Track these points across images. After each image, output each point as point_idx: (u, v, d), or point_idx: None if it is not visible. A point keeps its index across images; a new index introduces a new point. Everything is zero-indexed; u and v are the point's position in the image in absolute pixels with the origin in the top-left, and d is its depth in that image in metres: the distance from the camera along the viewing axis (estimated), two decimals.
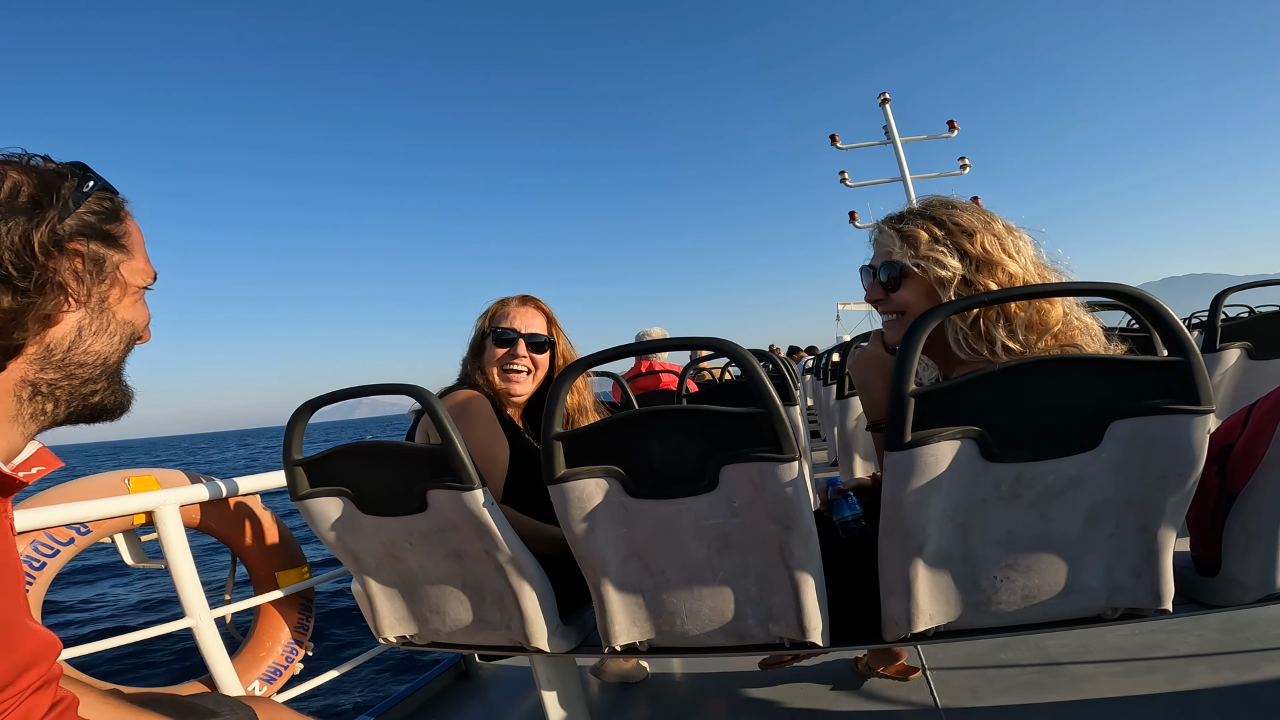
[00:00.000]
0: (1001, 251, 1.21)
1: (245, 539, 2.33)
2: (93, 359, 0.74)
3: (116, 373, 0.78)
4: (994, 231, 1.23)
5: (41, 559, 1.97)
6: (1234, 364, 2.38)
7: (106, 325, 0.75)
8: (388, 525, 1.42)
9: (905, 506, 1.09)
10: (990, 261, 1.20)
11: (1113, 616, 1.15)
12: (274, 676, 2.32)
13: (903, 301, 1.29)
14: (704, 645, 1.32)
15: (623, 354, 1.31)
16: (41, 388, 0.71)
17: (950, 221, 1.24)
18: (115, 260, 0.75)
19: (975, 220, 1.24)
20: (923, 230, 1.24)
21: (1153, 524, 1.08)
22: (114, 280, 0.75)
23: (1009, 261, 1.21)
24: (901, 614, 1.17)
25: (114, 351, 0.76)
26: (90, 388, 0.76)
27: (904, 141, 15.90)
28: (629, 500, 1.23)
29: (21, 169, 0.70)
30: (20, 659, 0.64)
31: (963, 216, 1.24)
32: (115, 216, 0.76)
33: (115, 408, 0.80)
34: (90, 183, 0.74)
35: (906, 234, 1.26)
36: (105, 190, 0.76)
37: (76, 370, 0.73)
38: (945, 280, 1.21)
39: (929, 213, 1.27)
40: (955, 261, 1.21)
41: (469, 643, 1.53)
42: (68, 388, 0.73)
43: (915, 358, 1.06)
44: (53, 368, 0.71)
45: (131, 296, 0.78)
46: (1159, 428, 1.02)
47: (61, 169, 0.73)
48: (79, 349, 0.73)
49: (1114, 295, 1.09)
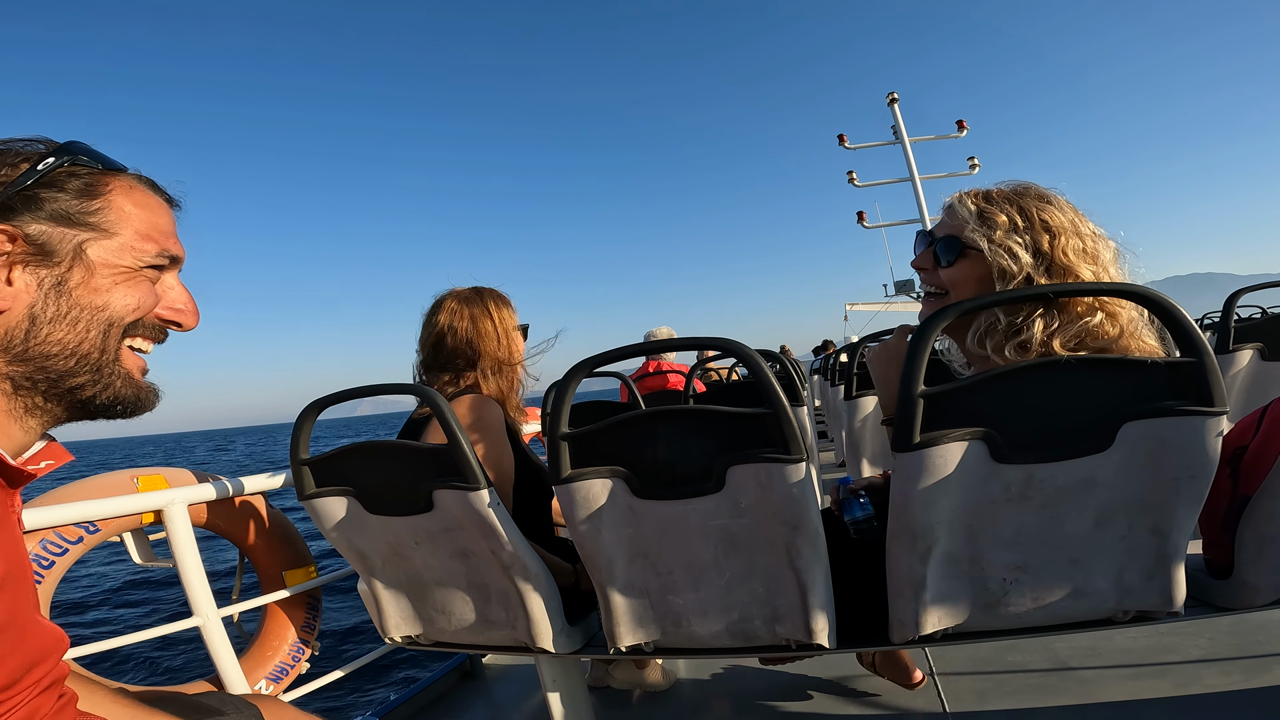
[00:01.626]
0: (1081, 258, 1.15)
1: (252, 538, 2.34)
2: (57, 349, 0.69)
3: (101, 364, 0.72)
4: (1080, 235, 1.16)
5: (50, 557, 1.99)
6: (1247, 365, 2.36)
7: (65, 311, 0.69)
8: (394, 525, 1.42)
9: (914, 507, 1.08)
10: (1065, 267, 1.14)
11: (1124, 619, 1.14)
12: (280, 675, 2.32)
13: (950, 279, 1.24)
14: (710, 646, 1.31)
15: (629, 354, 1.30)
16: (20, 382, 0.68)
17: (1038, 216, 1.17)
18: (75, 240, 0.69)
19: (1064, 220, 1.16)
20: (1003, 215, 1.17)
21: (1165, 526, 1.07)
22: (75, 262, 0.69)
23: (1084, 269, 1.14)
24: (909, 616, 1.16)
25: (84, 340, 0.70)
26: (72, 380, 0.70)
27: (913, 141, 15.86)
28: (635, 500, 1.23)
29: None
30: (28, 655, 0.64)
31: (1053, 214, 1.17)
32: (86, 194, 0.71)
33: (120, 403, 0.75)
34: (48, 160, 0.69)
35: (986, 214, 1.19)
36: (76, 167, 0.71)
37: (45, 362, 0.68)
38: (1010, 273, 1.15)
39: (1018, 200, 1.19)
40: (1028, 257, 1.15)
41: (474, 643, 1.53)
42: (45, 380, 0.69)
43: (924, 358, 1.05)
44: (18, 359, 0.67)
45: (109, 279, 0.72)
46: (1172, 429, 1.01)
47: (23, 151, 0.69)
48: (38, 338, 0.67)
49: (1126, 296, 1.08)
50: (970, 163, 16.55)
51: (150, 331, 0.77)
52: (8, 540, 0.64)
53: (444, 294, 1.80)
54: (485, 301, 1.78)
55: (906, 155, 16.09)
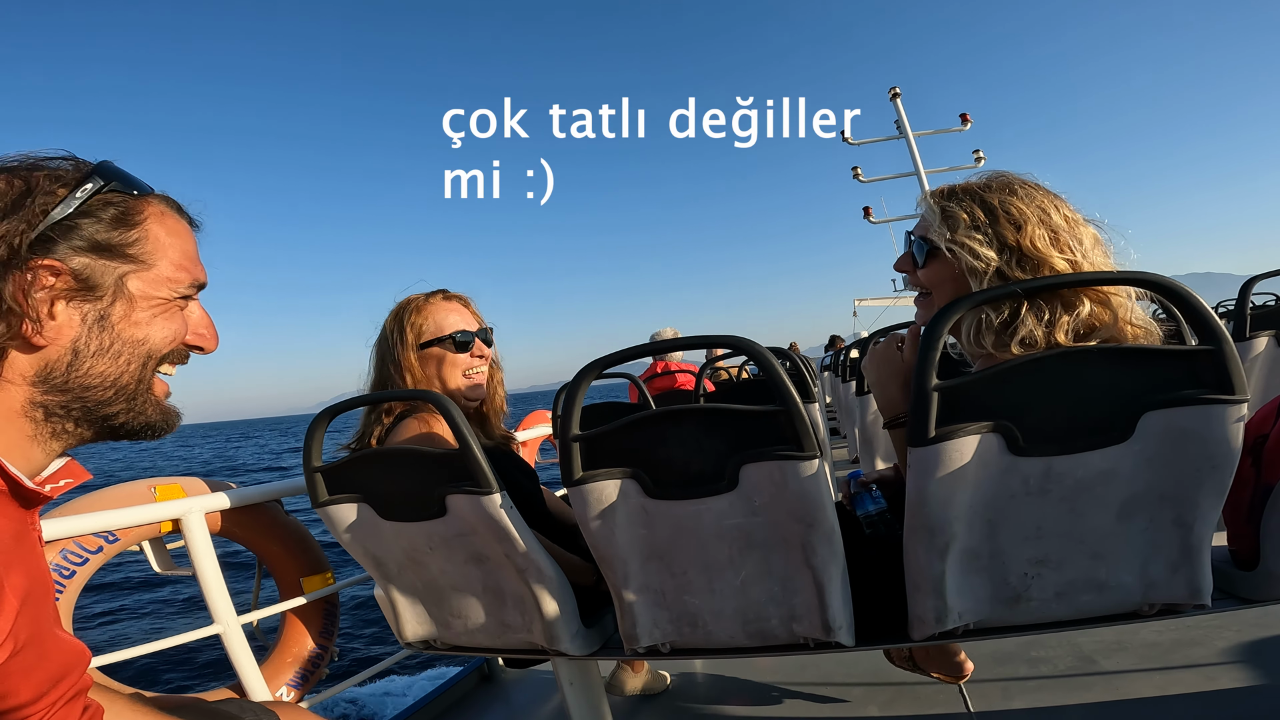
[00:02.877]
0: (1052, 247, 1.11)
1: (270, 545, 2.36)
2: (98, 381, 0.69)
3: (137, 394, 0.72)
4: (1050, 224, 1.12)
5: (71, 567, 2.01)
6: (1264, 352, 2.33)
7: (108, 345, 0.68)
8: (408, 530, 1.42)
9: (931, 503, 1.07)
10: (1036, 258, 1.11)
11: (1149, 613, 1.12)
12: (300, 682, 2.34)
13: (928, 280, 1.24)
14: (726, 646, 1.30)
15: (638, 354, 1.30)
16: (54, 410, 0.68)
17: (1001, 208, 1.14)
18: (118, 273, 0.69)
19: (1030, 210, 1.13)
20: (965, 213, 1.15)
21: (1188, 518, 1.05)
22: (117, 295, 0.69)
23: (1057, 259, 1.10)
24: (929, 612, 1.15)
25: (124, 373, 0.70)
26: (107, 410, 0.70)
27: (917, 136, 15.77)
28: (648, 501, 1.22)
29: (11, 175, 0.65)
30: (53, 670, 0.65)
31: (1017, 204, 1.13)
32: (123, 223, 0.69)
33: (146, 428, 0.75)
34: (86, 186, 0.67)
35: (948, 213, 1.17)
36: (113, 194, 0.69)
37: (84, 393, 0.68)
38: (977, 271, 1.13)
39: (981, 194, 1.17)
40: (991, 253, 1.12)
41: (491, 646, 1.53)
42: (81, 409, 0.69)
43: (937, 352, 1.04)
44: (56, 390, 0.67)
45: (148, 311, 0.71)
46: (1192, 419, 0.99)
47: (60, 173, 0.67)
48: (79, 371, 0.67)
49: (1141, 284, 1.06)
50: (975, 155, 16.42)
51: (176, 356, 0.77)
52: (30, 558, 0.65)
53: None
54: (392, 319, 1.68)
55: (911, 150, 16.00)
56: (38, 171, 0.67)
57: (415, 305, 1.69)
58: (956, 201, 1.18)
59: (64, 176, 0.67)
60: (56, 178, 0.67)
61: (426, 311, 1.68)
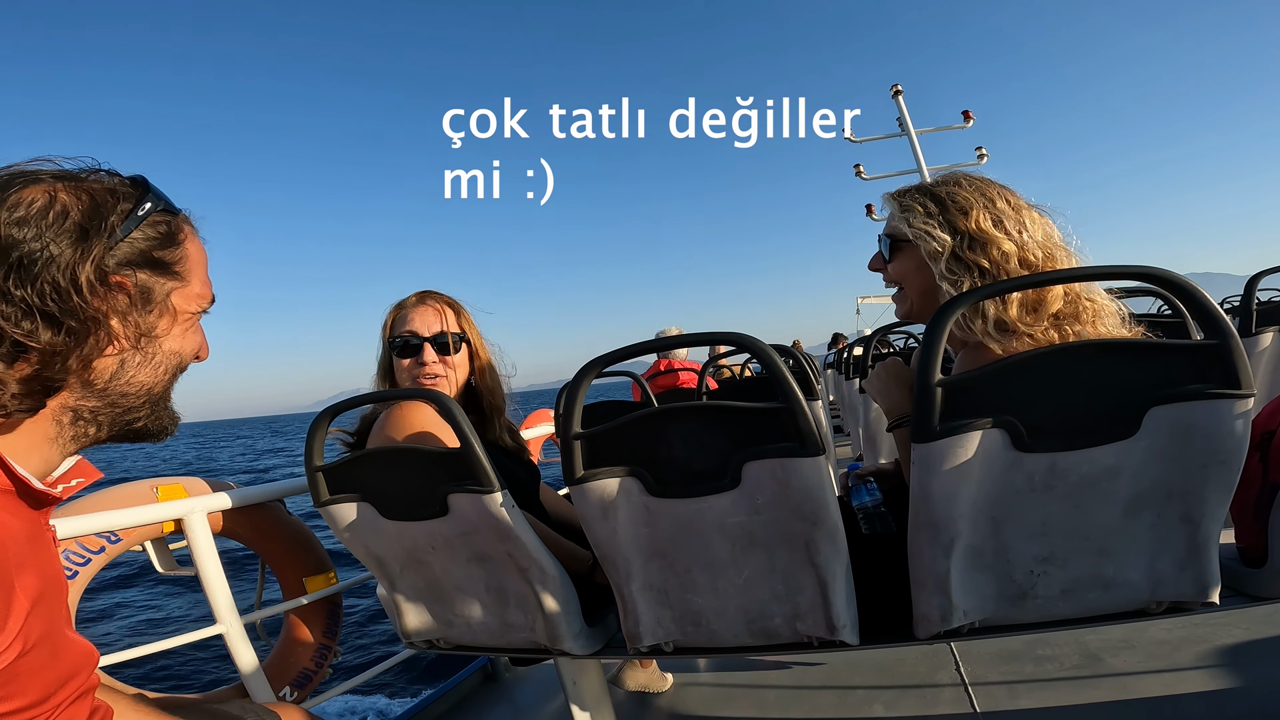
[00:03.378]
0: (996, 228, 1.21)
1: (272, 545, 2.35)
2: (136, 389, 0.72)
3: (161, 400, 0.76)
4: (993, 211, 1.22)
5: (74, 567, 2.01)
6: (1270, 347, 2.31)
7: (152, 356, 0.72)
8: (410, 530, 1.42)
9: (935, 500, 1.06)
10: (983, 239, 1.20)
11: (1157, 610, 1.11)
12: (304, 682, 2.34)
13: (896, 273, 1.34)
14: (729, 645, 1.30)
15: (640, 351, 1.29)
16: (84, 414, 0.70)
17: (949, 198, 1.25)
18: (167, 289, 0.72)
19: (974, 197, 1.24)
20: (919, 205, 1.27)
21: (1196, 514, 1.04)
22: (163, 310, 0.72)
23: (1003, 240, 1.20)
24: (934, 610, 1.14)
25: (159, 382, 0.74)
26: (133, 415, 0.74)
27: (919, 133, 15.74)
28: (650, 500, 1.22)
29: (72, 188, 0.66)
30: (63, 669, 0.65)
31: (962, 193, 1.25)
32: (171, 241, 0.72)
33: (158, 431, 0.78)
34: (146, 205, 0.70)
35: (905, 207, 1.30)
36: (163, 212, 0.72)
37: (119, 400, 0.71)
38: (935, 254, 1.23)
39: (931, 189, 1.29)
40: (945, 236, 1.22)
41: (494, 645, 1.52)
42: (110, 415, 0.72)
43: (940, 347, 1.03)
44: (95, 396, 0.70)
45: (183, 325, 0.75)
46: (1199, 414, 0.98)
47: (116, 188, 0.69)
48: (122, 379, 0.71)
49: (1144, 279, 1.05)
50: (978, 153, 16.37)
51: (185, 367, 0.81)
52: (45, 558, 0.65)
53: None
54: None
55: (913, 147, 15.96)
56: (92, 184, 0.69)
57: (394, 306, 1.73)
58: (911, 197, 1.31)
59: (121, 192, 0.70)
60: (115, 193, 0.69)
61: (396, 314, 1.72)
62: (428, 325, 1.68)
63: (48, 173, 0.67)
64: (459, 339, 1.70)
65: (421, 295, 1.73)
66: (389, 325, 1.71)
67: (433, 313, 1.69)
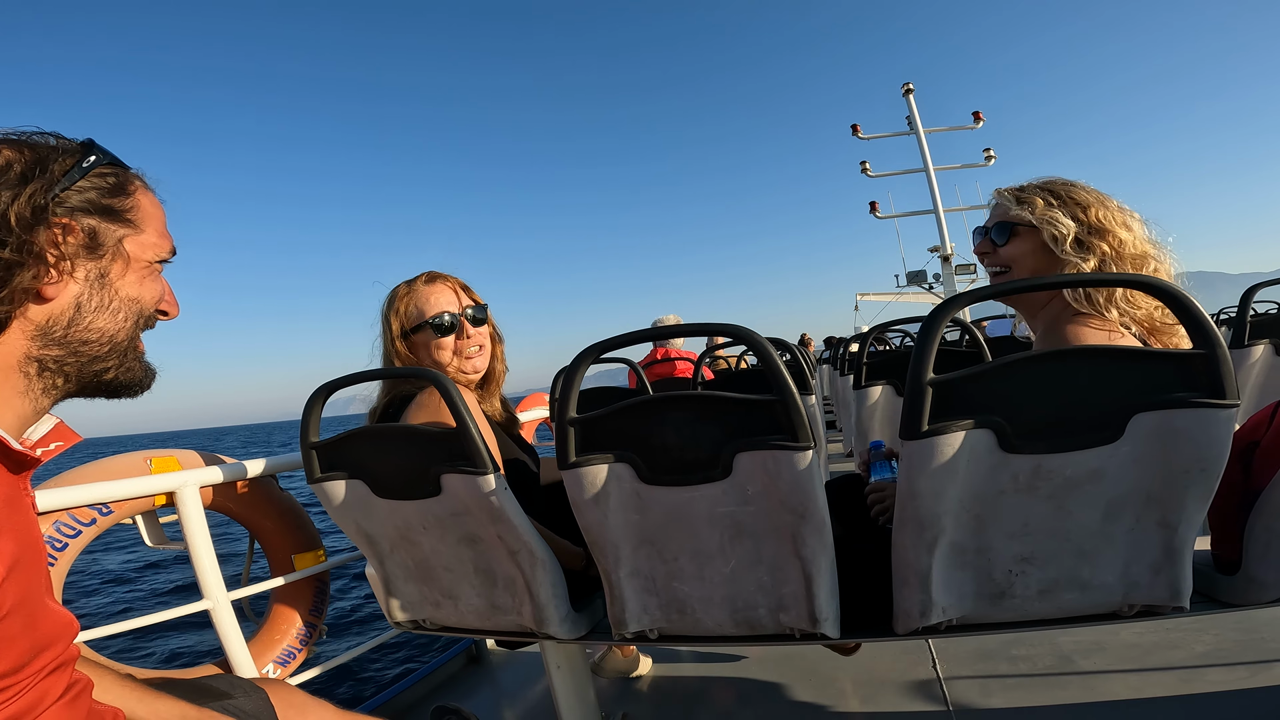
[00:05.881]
0: (1114, 222, 1.34)
1: (263, 521, 2.36)
2: (96, 335, 0.73)
3: (128, 350, 0.77)
4: (1107, 206, 1.37)
5: (64, 539, 2.01)
6: (1262, 360, 2.34)
7: (108, 302, 0.74)
8: (402, 509, 1.43)
9: (921, 497, 1.08)
10: (1104, 229, 1.33)
11: (1129, 614, 1.13)
12: (288, 659, 2.35)
13: (1009, 256, 1.44)
14: (714, 634, 1.32)
15: (637, 339, 1.30)
16: (48, 364, 0.71)
17: (1066, 194, 1.38)
18: (117, 235, 0.74)
19: (1090, 196, 1.38)
20: (1039, 198, 1.39)
21: (1173, 520, 1.06)
22: (115, 255, 0.74)
23: (1120, 230, 1.34)
24: (914, 606, 1.16)
25: (120, 329, 0.75)
26: (100, 365, 0.75)
27: (928, 133, 15.73)
28: (642, 487, 1.23)
29: (17, 146, 0.69)
30: (39, 638, 0.65)
31: (1079, 192, 1.39)
32: (120, 191, 0.75)
33: (133, 384, 0.80)
34: (91, 158, 0.73)
35: (1024, 199, 1.42)
36: (110, 165, 0.75)
37: (81, 348, 0.73)
38: (1060, 237, 1.34)
39: (1046, 186, 1.42)
40: (1070, 222, 1.35)
41: (480, 627, 1.54)
42: (75, 364, 0.73)
43: (934, 346, 1.05)
44: (55, 344, 0.71)
45: (138, 272, 0.77)
46: (1183, 421, 1.00)
47: (62, 145, 0.72)
48: (80, 325, 0.72)
49: (1138, 287, 1.07)
50: (986, 154, 16.38)
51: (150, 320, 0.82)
52: (22, 523, 0.65)
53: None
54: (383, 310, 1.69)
55: (921, 146, 15.96)
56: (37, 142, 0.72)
57: (399, 293, 1.69)
58: (1030, 191, 1.43)
59: (68, 148, 0.73)
60: (60, 150, 0.72)
61: (409, 298, 1.67)
62: (452, 302, 1.67)
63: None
64: (485, 309, 1.72)
65: (430, 276, 1.71)
66: (407, 308, 1.66)
67: (451, 290, 1.69)
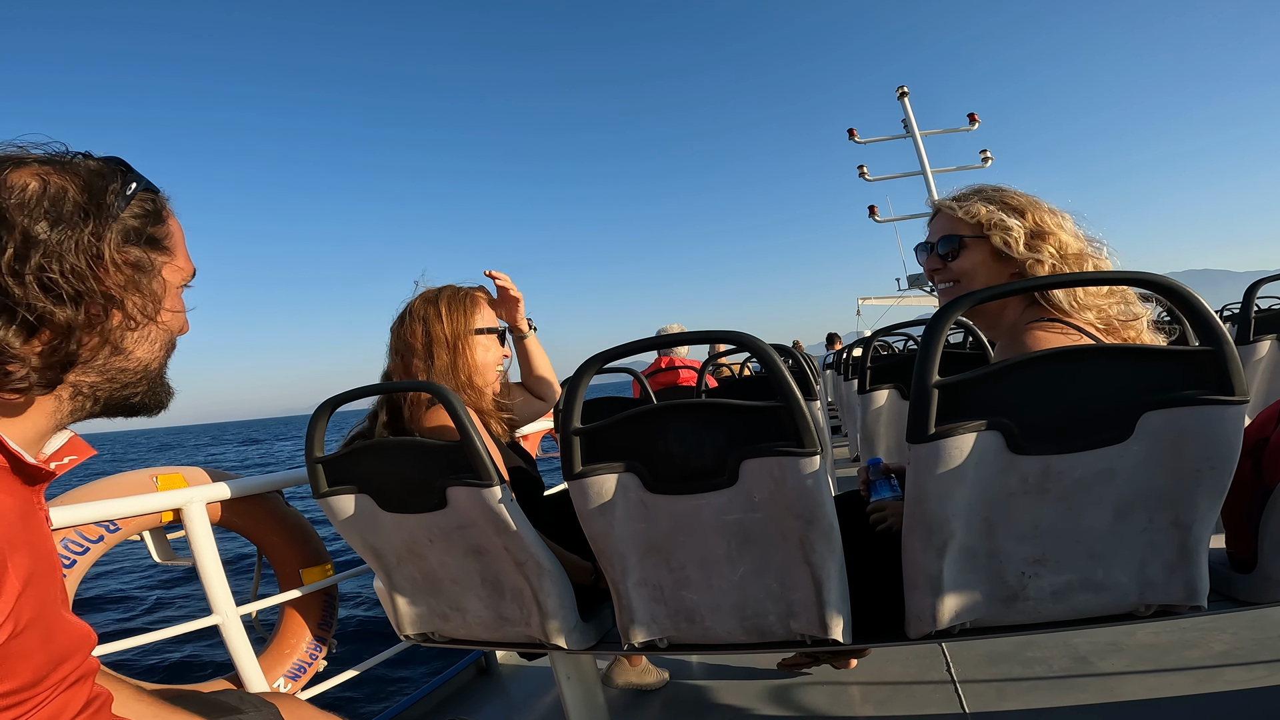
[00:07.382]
0: (1051, 224, 1.34)
1: (270, 536, 2.36)
2: (134, 364, 0.73)
3: (158, 377, 0.77)
4: (1040, 209, 1.37)
5: (72, 556, 2.01)
6: (1268, 356, 2.33)
7: (149, 332, 0.73)
8: (408, 522, 1.43)
9: (930, 500, 1.07)
10: (1044, 231, 1.33)
11: (1145, 614, 1.12)
12: (298, 674, 2.34)
13: (960, 270, 1.41)
14: (723, 643, 1.31)
15: (640, 349, 1.30)
16: (83, 389, 0.71)
17: (1000, 200, 1.38)
18: (159, 264, 0.74)
19: (1023, 200, 1.38)
20: (980, 206, 1.38)
21: (1186, 519, 1.05)
22: (160, 286, 0.74)
23: (1059, 231, 1.33)
24: (926, 610, 1.15)
25: (155, 358, 0.75)
26: (130, 390, 0.75)
27: (924, 135, 15.74)
28: (648, 496, 1.23)
29: (62, 171, 0.68)
30: (57, 651, 0.65)
31: (1012, 197, 1.38)
32: (158, 218, 0.74)
33: (153, 405, 0.79)
34: (133, 184, 0.72)
35: (966, 209, 1.40)
36: (147, 190, 0.74)
37: (118, 375, 0.72)
38: (1012, 242, 1.32)
39: (979, 192, 1.41)
40: (1016, 223, 1.33)
41: (489, 639, 1.53)
42: (108, 389, 0.73)
43: (938, 349, 1.04)
44: (95, 371, 0.71)
45: (173, 299, 0.76)
46: (1192, 419, 0.99)
47: (103, 169, 0.71)
48: (120, 355, 0.72)
49: (1144, 284, 1.06)
50: (982, 155, 16.39)
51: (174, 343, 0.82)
52: (36, 537, 0.65)
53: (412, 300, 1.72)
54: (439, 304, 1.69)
55: (918, 149, 15.99)
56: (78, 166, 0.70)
57: (459, 294, 1.73)
58: (969, 201, 1.40)
59: (107, 173, 0.71)
60: (102, 174, 0.70)
61: (470, 302, 1.72)
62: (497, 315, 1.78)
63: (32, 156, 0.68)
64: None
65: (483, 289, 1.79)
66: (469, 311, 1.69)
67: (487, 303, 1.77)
